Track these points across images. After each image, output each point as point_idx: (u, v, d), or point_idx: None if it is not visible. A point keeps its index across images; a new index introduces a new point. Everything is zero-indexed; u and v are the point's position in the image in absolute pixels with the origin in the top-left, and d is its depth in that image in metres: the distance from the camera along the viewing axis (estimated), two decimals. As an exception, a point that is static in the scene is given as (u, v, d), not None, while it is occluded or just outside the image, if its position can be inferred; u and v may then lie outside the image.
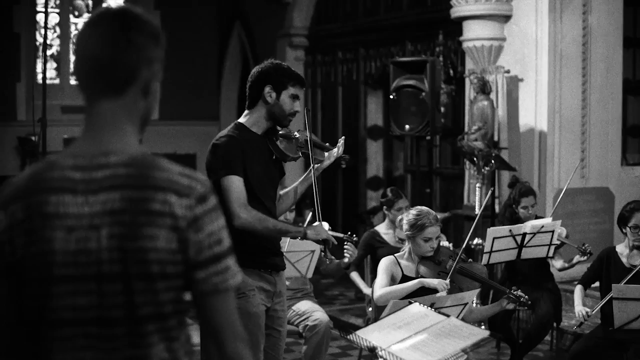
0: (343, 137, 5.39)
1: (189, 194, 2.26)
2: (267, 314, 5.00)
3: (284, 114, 4.94)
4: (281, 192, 5.30)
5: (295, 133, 5.12)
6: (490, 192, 6.57)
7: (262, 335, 4.88)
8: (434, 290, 5.53)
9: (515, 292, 5.86)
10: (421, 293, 5.34)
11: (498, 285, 6.33)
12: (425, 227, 5.78)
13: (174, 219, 2.23)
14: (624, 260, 6.70)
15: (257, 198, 4.85)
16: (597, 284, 7.00)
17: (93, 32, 2.31)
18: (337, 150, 5.24)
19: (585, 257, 7.33)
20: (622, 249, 6.80)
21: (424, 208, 6.01)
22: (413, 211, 5.95)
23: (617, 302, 5.90)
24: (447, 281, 5.66)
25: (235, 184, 4.75)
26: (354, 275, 7.75)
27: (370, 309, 7.68)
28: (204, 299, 2.30)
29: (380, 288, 5.79)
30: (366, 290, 7.72)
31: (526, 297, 5.87)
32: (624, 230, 6.77)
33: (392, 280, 5.89)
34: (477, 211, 9.55)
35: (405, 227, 5.91)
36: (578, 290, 6.91)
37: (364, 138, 13.82)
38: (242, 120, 5.03)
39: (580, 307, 6.64)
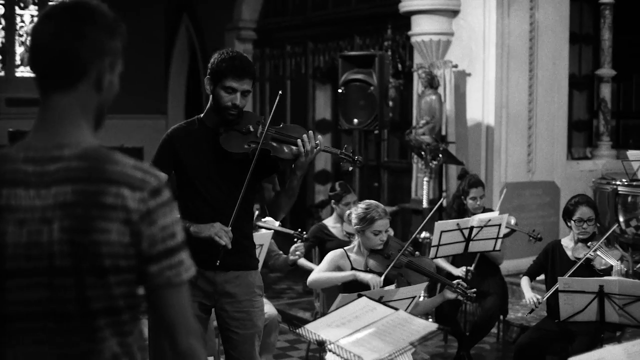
0: (310, 130, 4.93)
1: (142, 187, 2.24)
2: (217, 313, 4.88)
3: (220, 107, 4.72)
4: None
5: (250, 127, 4.76)
6: (441, 203, 6.57)
7: None
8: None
9: (461, 286, 5.90)
10: (365, 286, 5.36)
11: (445, 280, 6.36)
12: (375, 220, 5.80)
13: (127, 213, 2.22)
14: (569, 253, 6.77)
15: (197, 191, 4.74)
16: (542, 276, 7.07)
17: (46, 24, 2.29)
18: (302, 147, 4.75)
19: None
20: (567, 242, 6.87)
21: (373, 201, 6.02)
22: (362, 205, 5.96)
23: (562, 294, 5.95)
24: (381, 279, 5.68)
25: None
26: (302, 261, 7.59)
27: (318, 302, 7.69)
28: (157, 292, 2.28)
29: (316, 273, 5.85)
30: None
31: (472, 290, 5.92)
32: (569, 223, 6.84)
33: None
34: (425, 205, 9.62)
35: (354, 221, 5.92)
36: (525, 280, 6.98)
37: (312, 132, 13.81)
38: (203, 113, 4.92)
39: (530, 294, 6.69)
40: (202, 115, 4.91)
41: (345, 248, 6.03)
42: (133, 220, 2.22)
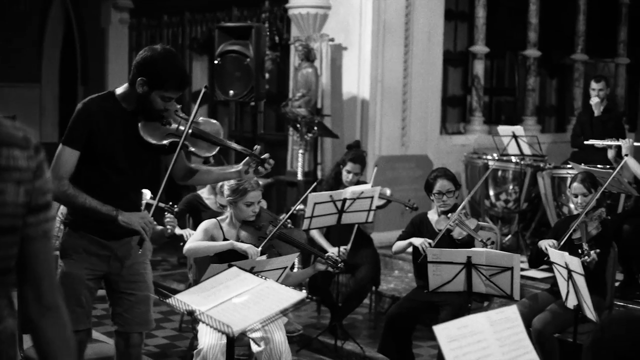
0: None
1: (27, 146, 2.26)
2: (110, 279, 4.93)
3: (152, 109, 4.67)
4: (203, 168, 5.23)
5: (171, 120, 4.78)
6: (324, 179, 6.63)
7: (76, 297, 4.75)
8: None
9: (332, 257, 5.97)
10: (237, 257, 5.37)
11: (316, 251, 6.42)
12: (247, 191, 5.81)
13: (20, 172, 2.23)
14: (434, 225, 6.89)
15: (101, 170, 4.69)
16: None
17: None
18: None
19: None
20: (432, 215, 6.99)
21: (245, 174, 6.03)
22: (234, 177, 5.96)
23: (431, 265, 6.07)
24: (259, 249, 5.71)
25: (63, 155, 4.62)
26: (177, 231, 7.55)
27: (191, 274, 7.66)
28: (30, 243, 2.29)
29: (192, 242, 5.86)
30: None
31: (340, 260, 6.00)
32: (431, 197, 6.96)
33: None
34: (300, 177, 9.68)
35: (226, 192, 5.93)
36: (400, 241, 6.96)
37: (188, 103, 13.72)
38: (118, 90, 4.78)
39: (419, 240, 6.68)
40: (117, 92, 4.78)
41: (218, 218, 6.04)
42: (26, 179, 2.24)
